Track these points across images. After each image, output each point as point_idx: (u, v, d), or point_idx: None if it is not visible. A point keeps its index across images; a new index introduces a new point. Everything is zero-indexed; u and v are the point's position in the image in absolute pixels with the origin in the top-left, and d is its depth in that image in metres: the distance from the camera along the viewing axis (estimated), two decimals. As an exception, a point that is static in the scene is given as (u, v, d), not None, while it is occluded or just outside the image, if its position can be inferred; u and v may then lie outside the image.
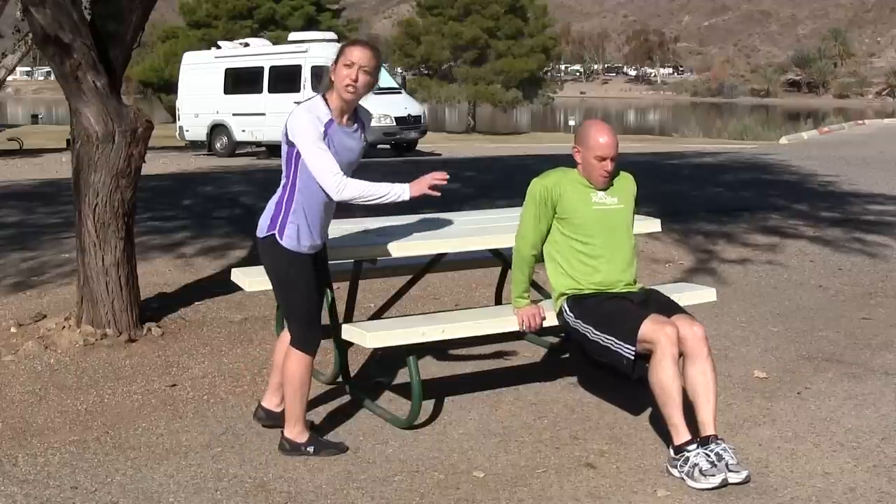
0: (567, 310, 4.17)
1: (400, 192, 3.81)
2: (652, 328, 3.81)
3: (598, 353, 4.04)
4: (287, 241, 3.73)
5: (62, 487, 3.58)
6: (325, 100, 3.75)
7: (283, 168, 3.78)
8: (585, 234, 4.14)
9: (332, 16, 44.06)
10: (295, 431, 3.87)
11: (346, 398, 4.54)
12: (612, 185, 4.24)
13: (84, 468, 3.76)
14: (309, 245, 3.79)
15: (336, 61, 3.73)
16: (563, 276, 4.20)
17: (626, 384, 4.19)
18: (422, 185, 3.86)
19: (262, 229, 3.79)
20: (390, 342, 4.14)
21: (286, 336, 4.02)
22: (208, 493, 3.54)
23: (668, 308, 4.01)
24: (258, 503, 3.47)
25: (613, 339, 3.92)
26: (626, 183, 4.31)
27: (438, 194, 3.89)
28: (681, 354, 3.81)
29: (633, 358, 3.85)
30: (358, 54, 3.70)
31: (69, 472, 3.72)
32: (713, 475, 3.55)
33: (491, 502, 3.49)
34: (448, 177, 3.91)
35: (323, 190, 3.72)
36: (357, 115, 3.87)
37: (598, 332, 3.99)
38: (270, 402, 4.17)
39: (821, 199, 10.98)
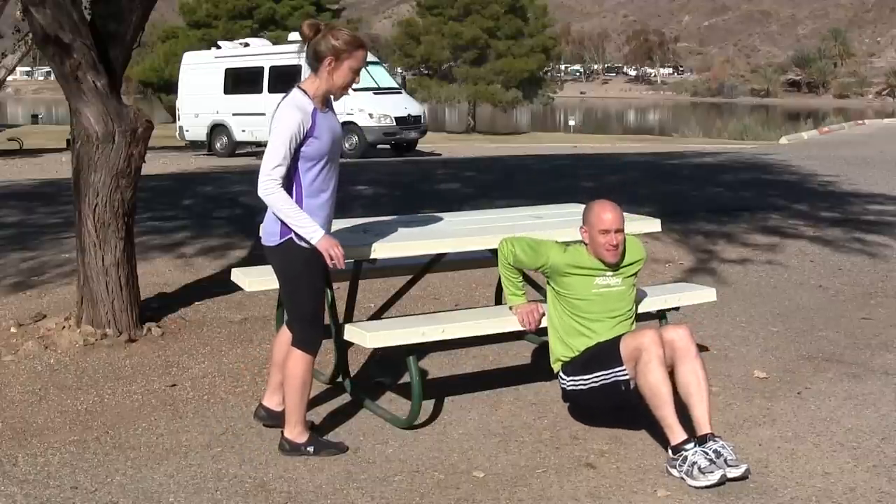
0: (563, 375, 4.21)
1: (313, 233, 3.69)
2: (631, 337, 3.90)
3: (600, 400, 4.08)
4: (305, 240, 3.73)
5: (62, 487, 3.58)
6: (304, 90, 3.75)
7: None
8: (584, 313, 4.17)
9: (332, 16, 44.02)
10: (295, 432, 3.87)
11: (346, 398, 4.55)
12: (624, 266, 4.20)
13: (84, 468, 3.76)
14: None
15: (340, 58, 3.71)
16: (561, 344, 4.24)
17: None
18: (330, 243, 3.74)
19: (272, 235, 3.77)
20: (390, 342, 4.14)
21: (284, 334, 4.03)
22: (208, 493, 3.54)
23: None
24: (258, 503, 3.47)
25: (603, 372, 3.96)
26: (637, 264, 4.28)
27: (332, 264, 3.77)
28: (670, 360, 3.83)
29: (628, 378, 3.90)
30: (364, 56, 3.78)
31: (69, 472, 3.72)
32: (712, 472, 3.55)
33: (491, 502, 3.49)
34: (343, 263, 3.79)
35: (325, 186, 3.76)
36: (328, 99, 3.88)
37: (587, 377, 4.03)
38: (271, 401, 4.17)
39: (821, 199, 10.98)
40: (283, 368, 3.93)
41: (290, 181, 3.72)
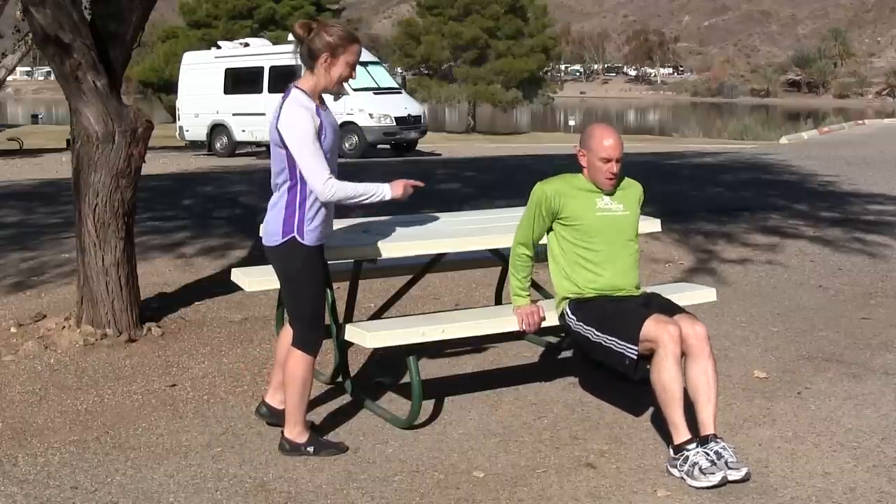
0: (569, 313, 4.17)
1: (383, 191, 3.84)
2: (654, 327, 3.81)
3: (600, 354, 4.05)
4: (309, 238, 3.75)
5: (62, 487, 3.58)
6: (302, 89, 3.75)
7: (283, 170, 3.74)
8: (589, 240, 4.14)
9: (332, 16, 43.99)
10: (295, 432, 3.87)
11: (346, 398, 4.54)
12: (619, 190, 4.23)
13: (84, 468, 3.76)
14: (325, 236, 3.84)
15: (335, 53, 3.72)
16: (566, 280, 4.21)
17: (626, 384, 4.19)
18: (399, 185, 3.89)
19: (274, 235, 3.77)
20: (390, 342, 4.14)
21: (287, 333, 4.03)
22: (208, 493, 3.54)
23: (670, 309, 4.02)
24: (258, 503, 3.47)
25: (616, 339, 3.92)
26: (633, 190, 4.31)
27: (420, 185, 3.93)
28: (683, 354, 3.82)
29: (635, 358, 3.85)
30: (359, 50, 3.80)
31: (69, 472, 3.72)
32: (713, 473, 3.55)
33: (491, 502, 3.49)
34: (423, 184, 3.92)
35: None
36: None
37: (599, 334, 4.00)
38: (274, 399, 4.17)
39: (821, 199, 10.98)
40: (284, 368, 3.93)
41: (295, 179, 3.72)
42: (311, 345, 3.85)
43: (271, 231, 3.78)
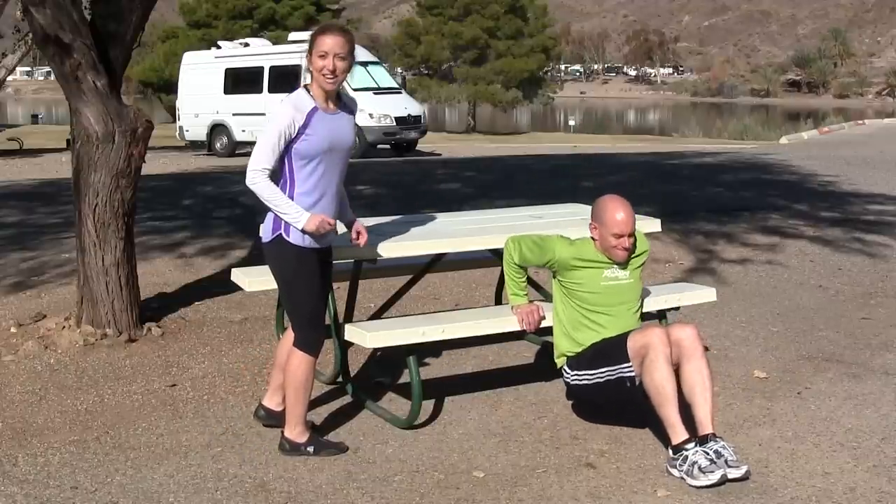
0: (567, 370, 4.21)
1: (298, 217, 3.70)
2: (640, 335, 3.89)
3: (603, 395, 4.08)
4: (294, 236, 3.74)
5: (62, 487, 3.58)
6: (308, 90, 3.77)
7: (276, 169, 3.75)
8: (592, 306, 4.16)
9: (332, 16, 44.02)
10: (295, 432, 3.87)
11: (346, 398, 4.55)
12: (630, 259, 4.21)
13: (84, 468, 3.76)
14: (321, 239, 3.80)
15: (310, 51, 3.74)
16: (566, 338, 4.24)
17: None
18: (315, 220, 3.73)
19: (266, 233, 3.80)
20: (390, 342, 4.14)
21: (289, 337, 4.02)
22: (208, 493, 3.54)
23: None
24: (258, 503, 3.47)
25: (609, 368, 3.97)
26: (641, 257, 4.29)
27: (331, 227, 3.80)
28: (675, 361, 3.83)
29: (634, 375, 3.90)
30: (330, 42, 3.71)
31: (69, 472, 3.72)
32: (712, 472, 3.55)
33: (491, 502, 3.49)
34: (335, 226, 3.84)
35: (319, 186, 3.76)
36: (342, 100, 3.88)
37: (593, 373, 4.03)
38: (271, 402, 4.17)
39: (821, 199, 10.98)
40: (285, 369, 3.93)
41: (283, 177, 3.74)
42: (312, 345, 3.85)
43: (265, 228, 3.82)
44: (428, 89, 42.29)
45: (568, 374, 4.19)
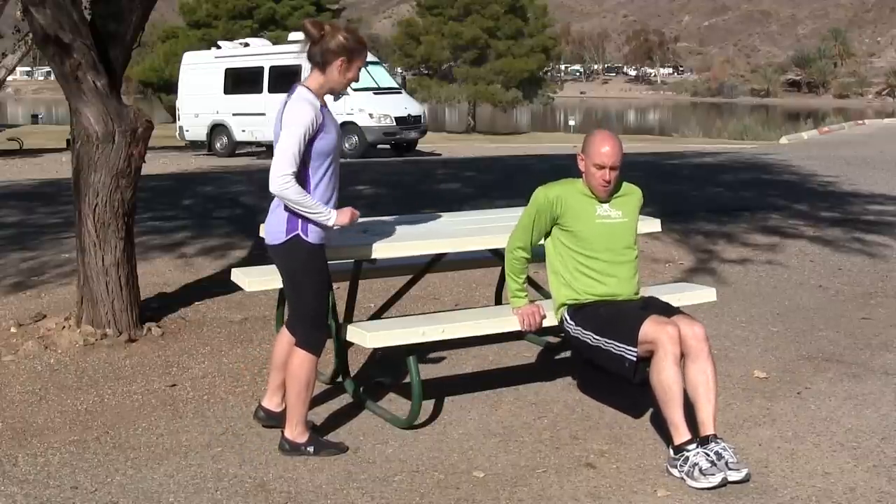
0: (568, 318, 4.18)
1: (330, 216, 3.75)
2: (653, 328, 3.82)
3: (600, 359, 4.05)
4: (313, 236, 3.75)
5: (62, 487, 3.58)
6: (308, 88, 3.77)
7: None
8: (588, 248, 4.15)
9: (332, 16, 44.01)
10: (296, 432, 3.87)
11: (346, 398, 4.55)
12: (618, 197, 4.23)
13: (84, 468, 3.76)
14: (328, 235, 3.84)
15: (352, 58, 3.76)
16: (565, 287, 4.22)
17: (626, 385, 4.19)
18: (346, 213, 3.82)
19: (277, 234, 3.77)
20: (390, 342, 4.14)
21: (284, 336, 4.03)
22: (208, 493, 3.54)
23: (668, 311, 4.02)
24: (258, 503, 3.47)
25: (615, 342, 3.93)
26: (633, 196, 4.31)
27: (357, 215, 3.90)
28: (682, 355, 3.82)
29: (635, 360, 3.86)
30: (366, 55, 3.88)
31: (69, 472, 3.72)
32: (713, 474, 3.55)
33: (491, 502, 3.49)
34: (359, 215, 3.93)
35: (331, 180, 3.78)
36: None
37: (598, 338, 4.00)
38: (271, 403, 4.17)
39: (821, 199, 10.98)
40: (287, 368, 3.93)
41: (302, 184, 3.72)
42: (316, 344, 3.86)
43: (275, 230, 3.78)
44: (428, 89, 42.29)
45: (569, 322, 4.17)
